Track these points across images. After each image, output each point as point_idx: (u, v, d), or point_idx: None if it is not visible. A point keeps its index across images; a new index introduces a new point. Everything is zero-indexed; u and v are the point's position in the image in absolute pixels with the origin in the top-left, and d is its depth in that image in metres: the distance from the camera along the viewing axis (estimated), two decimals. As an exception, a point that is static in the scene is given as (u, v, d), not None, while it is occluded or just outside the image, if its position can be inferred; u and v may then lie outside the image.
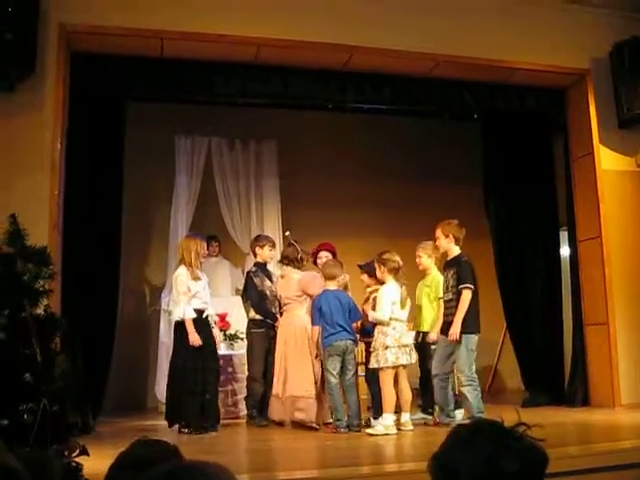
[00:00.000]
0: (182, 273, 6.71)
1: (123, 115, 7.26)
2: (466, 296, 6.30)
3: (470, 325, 6.32)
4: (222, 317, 7.77)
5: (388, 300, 6.33)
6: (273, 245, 7.44)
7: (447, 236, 6.59)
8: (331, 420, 6.50)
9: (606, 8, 7.80)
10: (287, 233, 7.38)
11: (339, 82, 7.45)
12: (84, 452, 3.42)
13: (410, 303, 6.52)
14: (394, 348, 6.21)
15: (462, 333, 6.24)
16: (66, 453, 3.36)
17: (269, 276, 7.32)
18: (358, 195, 9.66)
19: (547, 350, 8.14)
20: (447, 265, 6.62)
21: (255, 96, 7.50)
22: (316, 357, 6.58)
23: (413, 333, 6.74)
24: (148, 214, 9.24)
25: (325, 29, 6.94)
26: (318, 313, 6.46)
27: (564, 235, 8.46)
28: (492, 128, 8.56)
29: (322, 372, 6.57)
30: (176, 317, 6.70)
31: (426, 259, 6.94)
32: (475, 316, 6.39)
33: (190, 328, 6.54)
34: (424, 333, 6.83)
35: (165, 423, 7.44)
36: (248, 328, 7.19)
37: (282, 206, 9.17)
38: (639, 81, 7.55)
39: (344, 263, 6.99)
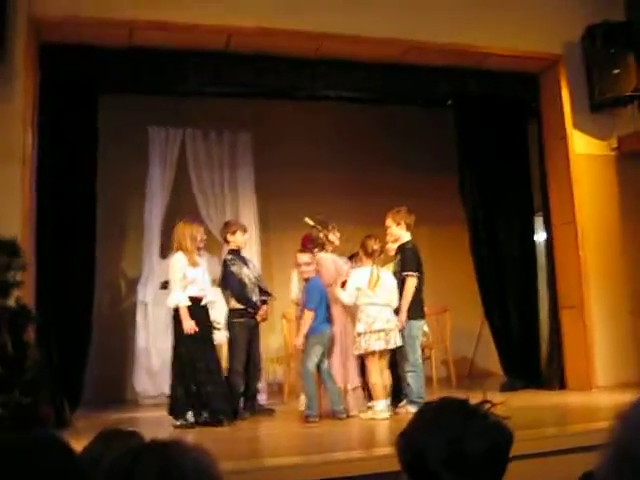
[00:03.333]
0: (179, 259, 6.51)
1: (95, 105, 7.14)
2: (409, 284, 6.45)
3: (412, 311, 6.43)
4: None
5: (351, 285, 6.36)
6: (244, 230, 7.26)
7: (398, 224, 6.71)
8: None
9: (577, -8, 7.83)
10: (306, 219, 7.13)
11: (310, 70, 7.43)
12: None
13: (386, 284, 6.41)
14: (367, 334, 6.21)
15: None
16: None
17: (245, 263, 7.19)
18: (334, 185, 9.64)
19: (524, 334, 8.17)
20: (397, 251, 6.71)
21: (226, 85, 7.47)
22: None
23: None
24: (122, 205, 9.13)
25: (294, 17, 6.90)
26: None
27: (539, 220, 8.50)
28: (466, 114, 8.51)
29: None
30: (170, 304, 6.46)
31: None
32: (417, 303, 6.51)
33: (184, 315, 6.34)
34: None
35: (144, 415, 7.46)
36: (229, 318, 6.99)
37: (257, 197, 9.11)
38: (611, 65, 7.61)
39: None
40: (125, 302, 9.20)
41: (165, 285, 8.68)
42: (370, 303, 6.26)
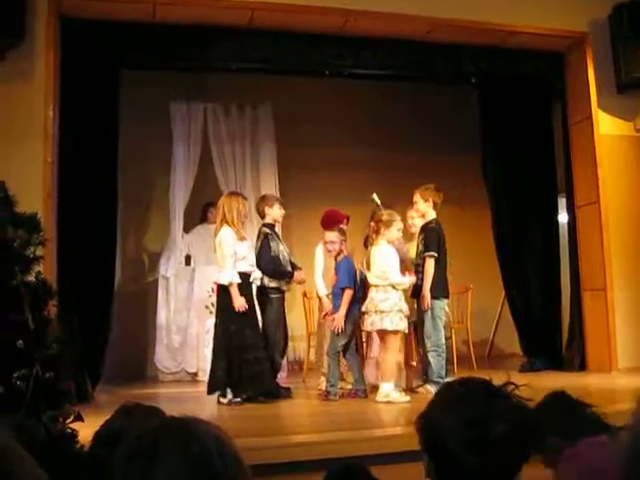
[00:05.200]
0: (227, 233, 6.33)
1: (117, 81, 7.14)
2: (428, 264, 6.43)
3: (434, 291, 6.41)
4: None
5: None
6: (282, 204, 7.11)
7: (427, 200, 6.66)
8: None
9: (605, -31, 7.69)
10: (374, 195, 6.99)
11: (335, 47, 7.37)
12: (79, 418, 3.41)
13: (382, 265, 6.24)
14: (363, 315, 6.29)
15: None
16: (60, 419, 3.36)
17: (279, 238, 7.04)
18: (357, 161, 9.59)
19: (545, 316, 8.16)
20: (421, 230, 6.68)
21: (249, 61, 7.42)
22: None
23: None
24: (145, 181, 9.14)
25: (320, -7, 6.85)
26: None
27: (562, 201, 8.43)
28: (490, 93, 8.46)
29: None
30: (222, 281, 6.27)
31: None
32: (439, 282, 6.48)
33: (235, 293, 6.21)
34: None
35: (165, 391, 7.49)
36: (264, 295, 6.72)
37: (279, 172, 9.09)
38: (638, 45, 7.47)
39: (345, 229, 6.99)
40: (147, 277, 9.24)
41: (188, 260, 8.72)
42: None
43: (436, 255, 6.45)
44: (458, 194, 9.43)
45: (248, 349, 6.25)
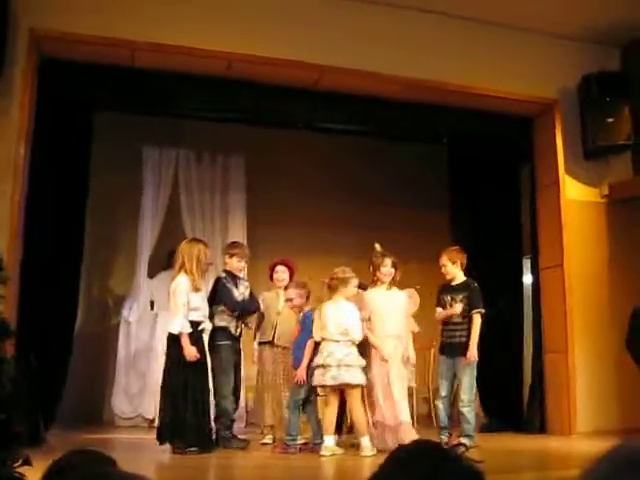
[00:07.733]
0: (183, 282, 6.13)
1: (91, 124, 7.20)
2: (477, 320, 6.50)
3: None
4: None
5: (316, 320, 6.25)
6: (242, 257, 6.95)
7: (454, 262, 6.76)
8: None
9: (575, 40, 7.91)
10: (376, 245, 6.88)
11: (309, 101, 7.48)
12: (27, 462, 3.35)
13: (345, 321, 6.10)
14: (318, 369, 6.06)
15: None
16: (9, 463, 3.29)
17: (237, 285, 6.85)
18: (326, 213, 9.64)
19: (506, 377, 8.16)
20: (452, 289, 6.72)
21: (225, 111, 7.52)
22: None
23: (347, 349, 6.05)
24: (114, 225, 9.12)
25: (297, 47, 6.98)
26: None
27: (527, 263, 8.52)
28: (459, 153, 8.60)
29: None
30: (172, 330, 6.09)
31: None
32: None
33: (186, 342, 6.01)
34: None
35: (119, 437, 7.37)
36: (213, 340, 6.60)
37: (248, 222, 9.10)
38: (605, 114, 7.67)
39: (311, 281, 6.97)
40: (110, 320, 9.14)
41: (153, 305, 8.66)
42: (327, 338, 6.09)
43: (484, 311, 6.53)
44: (425, 250, 9.47)
45: (195, 401, 6.08)
